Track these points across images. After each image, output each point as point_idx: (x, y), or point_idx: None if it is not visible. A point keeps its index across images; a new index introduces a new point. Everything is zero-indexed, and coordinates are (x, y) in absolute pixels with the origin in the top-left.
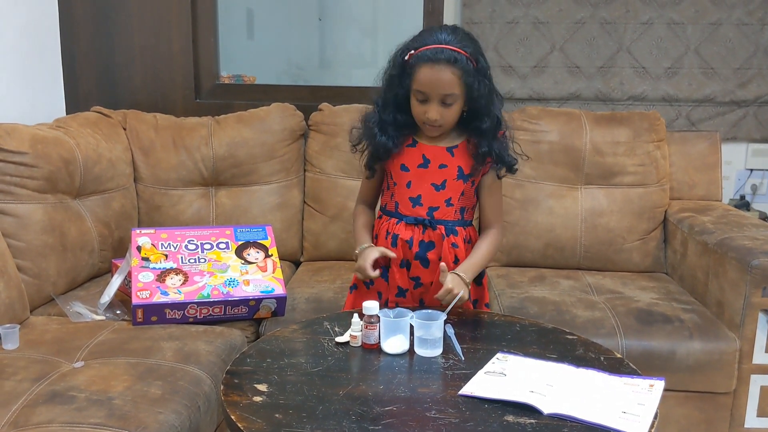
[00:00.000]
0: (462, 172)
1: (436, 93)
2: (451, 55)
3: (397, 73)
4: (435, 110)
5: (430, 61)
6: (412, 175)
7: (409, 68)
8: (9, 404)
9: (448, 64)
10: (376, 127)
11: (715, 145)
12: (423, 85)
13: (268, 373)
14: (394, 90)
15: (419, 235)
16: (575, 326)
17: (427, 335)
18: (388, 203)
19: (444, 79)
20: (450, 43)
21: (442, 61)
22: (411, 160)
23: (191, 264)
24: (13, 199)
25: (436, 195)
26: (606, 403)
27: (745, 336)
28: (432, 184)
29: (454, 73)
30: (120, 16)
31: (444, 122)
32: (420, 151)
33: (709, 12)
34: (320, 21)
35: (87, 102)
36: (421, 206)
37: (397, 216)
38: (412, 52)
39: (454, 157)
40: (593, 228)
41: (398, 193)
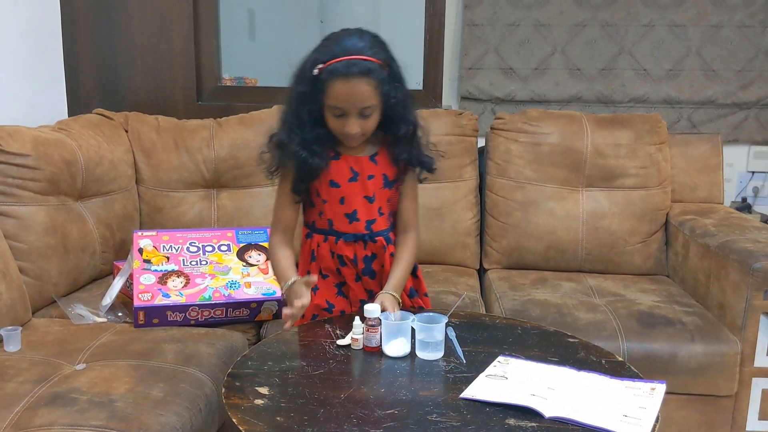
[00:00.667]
0: (387, 179)
1: (353, 107)
2: (365, 66)
3: (307, 89)
4: (354, 124)
5: (343, 76)
6: (344, 190)
7: (320, 84)
8: (11, 406)
9: (362, 77)
10: (299, 147)
11: (717, 148)
12: (338, 101)
13: (269, 375)
14: (306, 107)
15: (362, 250)
16: (577, 329)
17: (428, 338)
18: (317, 221)
19: (360, 92)
20: (361, 52)
21: (356, 74)
22: (339, 175)
23: (193, 266)
24: (15, 201)
25: (370, 207)
26: (607, 407)
27: (746, 339)
28: (365, 197)
29: (370, 84)
30: (121, 18)
31: (364, 132)
32: (346, 164)
33: (710, 14)
34: (322, 23)
35: (89, 104)
36: (358, 221)
37: (334, 234)
38: (320, 66)
39: (378, 165)
40: (594, 230)
41: (330, 210)
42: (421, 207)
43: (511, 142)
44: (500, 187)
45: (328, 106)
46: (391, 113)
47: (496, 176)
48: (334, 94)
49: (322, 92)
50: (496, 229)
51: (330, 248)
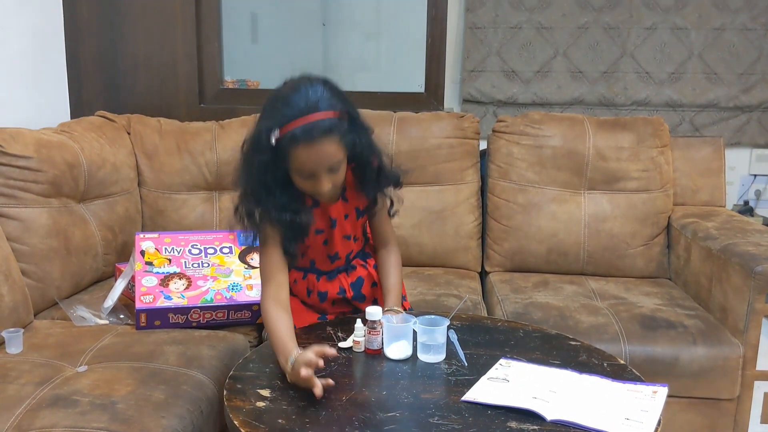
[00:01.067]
0: (358, 210)
1: (321, 168)
2: (325, 125)
3: (268, 158)
4: (325, 182)
5: (305, 141)
6: (327, 234)
7: (281, 151)
8: (12, 408)
9: (325, 136)
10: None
11: (719, 151)
12: (305, 165)
13: (271, 378)
14: (269, 174)
15: (345, 280)
16: (579, 332)
17: (430, 341)
18: (298, 261)
19: (326, 152)
20: (316, 108)
21: (319, 136)
22: (321, 221)
23: (195, 268)
24: (17, 203)
25: (347, 244)
26: (609, 410)
27: (748, 342)
28: (344, 236)
29: (334, 141)
30: (124, 21)
31: (336, 187)
32: (325, 211)
33: (712, 17)
34: (324, 26)
35: (91, 106)
36: (339, 259)
37: (314, 272)
38: (277, 135)
39: (348, 201)
40: (596, 233)
41: (313, 252)
42: (423, 210)
43: (513, 144)
44: (502, 190)
45: (294, 170)
46: (357, 159)
47: (497, 179)
48: (299, 160)
49: (285, 159)
50: (497, 232)
51: (308, 286)
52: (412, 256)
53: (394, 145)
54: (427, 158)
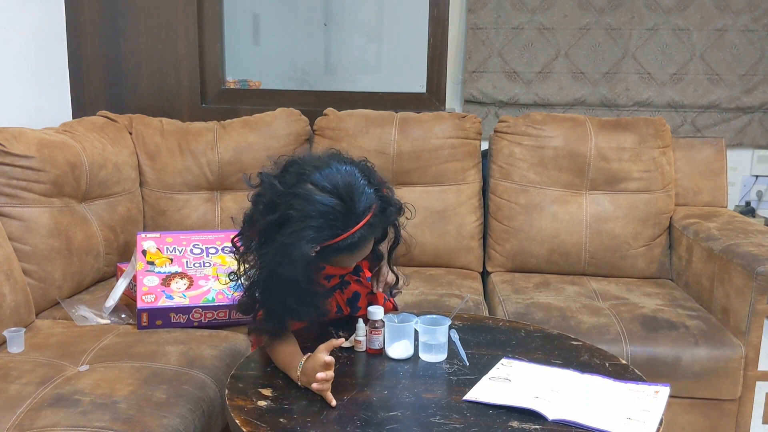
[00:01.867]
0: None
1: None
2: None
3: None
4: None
5: (349, 251)
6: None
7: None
8: (14, 407)
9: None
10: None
11: (721, 152)
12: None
13: (272, 377)
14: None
15: (341, 297)
16: (580, 332)
17: (431, 340)
18: None
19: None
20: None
21: (363, 242)
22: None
23: (196, 268)
24: (19, 203)
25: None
26: (611, 409)
27: (750, 343)
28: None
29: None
30: (126, 22)
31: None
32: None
33: (714, 18)
34: (326, 26)
35: (93, 106)
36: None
37: None
38: (317, 248)
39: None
40: (598, 234)
41: None
42: (424, 210)
43: (515, 145)
44: (504, 191)
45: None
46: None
47: (499, 179)
48: (337, 262)
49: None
50: (499, 233)
51: None
52: (414, 256)
53: (395, 146)
54: (429, 159)
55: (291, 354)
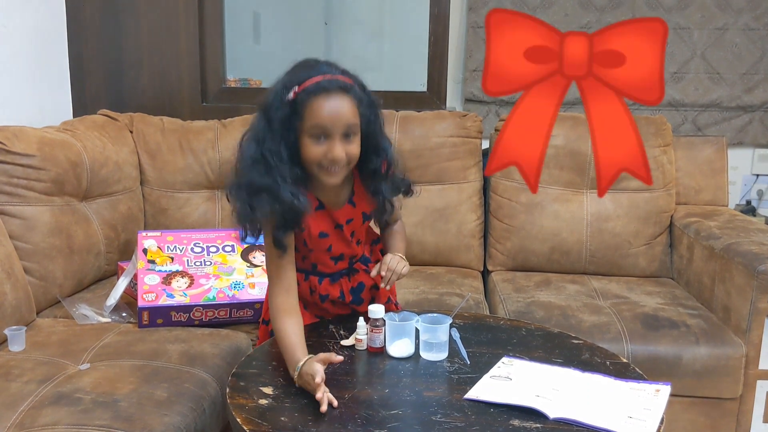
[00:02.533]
0: (365, 215)
1: (337, 125)
2: (344, 83)
3: (283, 115)
4: (339, 147)
5: (325, 91)
6: (332, 239)
7: (298, 106)
8: (15, 406)
9: (343, 92)
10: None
11: (722, 150)
12: (321, 119)
13: (273, 376)
14: (284, 138)
15: (347, 284)
16: (581, 331)
17: (432, 339)
18: (299, 263)
19: (344, 107)
20: (335, 74)
21: (337, 89)
22: (327, 225)
23: (197, 267)
24: (20, 202)
25: (352, 246)
26: (612, 408)
27: (751, 341)
28: (347, 239)
29: (351, 101)
30: (127, 20)
31: (349, 160)
32: (330, 215)
33: (715, 17)
34: (326, 25)
35: (94, 105)
36: (342, 260)
37: (316, 275)
38: (296, 89)
39: (356, 206)
40: (599, 232)
41: (316, 255)
42: (425, 208)
43: None
44: (504, 189)
45: (308, 129)
46: (368, 143)
47: (500, 178)
48: (315, 113)
49: (300, 116)
50: (500, 231)
51: (311, 286)
52: (415, 254)
53: (396, 144)
54: (430, 157)
55: (293, 349)
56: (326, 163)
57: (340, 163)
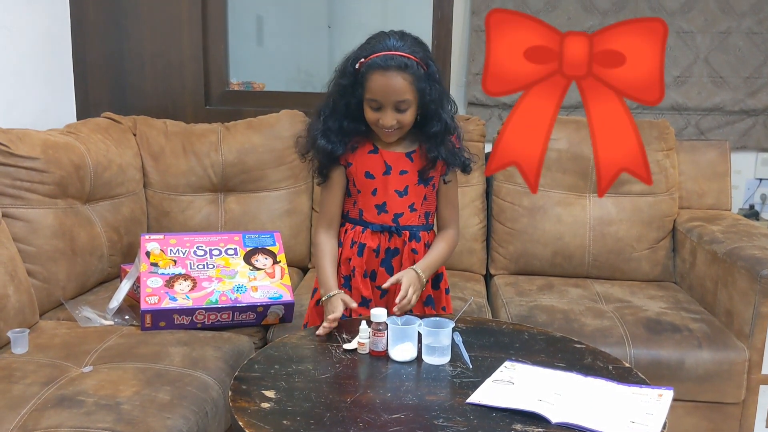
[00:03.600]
0: (422, 176)
1: (389, 100)
2: (402, 61)
3: (347, 82)
4: (389, 117)
5: (381, 69)
6: (378, 182)
7: (360, 77)
8: (18, 408)
9: (399, 71)
10: (318, 133)
11: (725, 154)
12: (375, 93)
13: (275, 379)
14: (345, 99)
15: (385, 242)
16: (584, 335)
17: (435, 343)
18: (350, 210)
19: (396, 85)
20: (399, 49)
21: (393, 68)
22: (375, 168)
23: (200, 270)
24: (23, 204)
25: (399, 201)
26: (614, 412)
27: (754, 346)
28: (395, 190)
29: (406, 79)
30: (131, 24)
31: (401, 126)
32: (381, 158)
33: (718, 21)
34: (329, 28)
35: (98, 108)
36: (386, 213)
37: (362, 224)
38: (362, 60)
39: (413, 162)
40: (602, 236)
41: (362, 200)
42: None
43: None
44: (507, 193)
45: (366, 100)
46: (426, 111)
47: (503, 182)
48: (372, 87)
49: (362, 86)
50: (502, 235)
51: (353, 237)
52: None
53: None
54: None
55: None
56: (380, 127)
57: (389, 130)
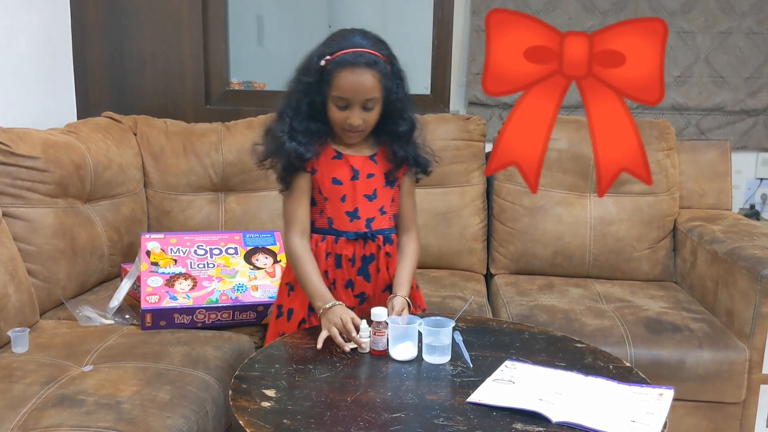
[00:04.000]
0: (387, 178)
1: (357, 98)
2: (371, 57)
3: (313, 80)
4: (357, 116)
5: (350, 66)
6: (346, 188)
7: (327, 75)
8: (18, 407)
9: (368, 67)
10: (285, 135)
11: (725, 154)
12: (344, 91)
13: (276, 378)
14: (309, 98)
15: (360, 250)
16: (584, 334)
17: (435, 342)
18: (317, 220)
19: (365, 82)
20: (366, 47)
21: (362, 65)
22: (342, 173)
23: (200, 269)
24: (24, 204)
25: (370, 206)
26: (614, 412)
27: (754, 346)
28: (365, 195)
29: (374, 76)
30: (131, 23)
31: (366, 127)
32: (347, 162)
33: (719, 21)
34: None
35: (98, 107)
36: (359, 219)
37: (333, 233)
38: (328, 57)
39: (378, 164)
40: (602, 236)
41: (331, 208)
42: (428, 212)
43: None
44: (508, 193)
45: (332, 98)
46: (391, 110)
47: (503, 181)
48: (341, 84)
49: (328, 83)
50: (503, 235)
51: (326, 248)
52: None
53: None
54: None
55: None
56: (346, 127)
57: (355, 130)
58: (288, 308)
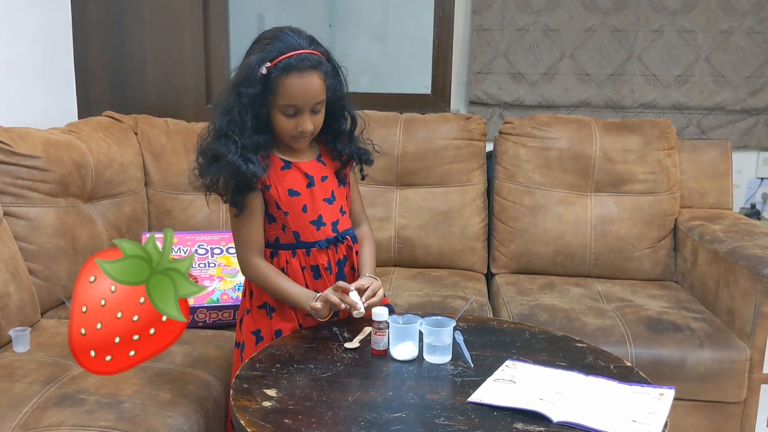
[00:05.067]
0: (338, 177)
1: (308, 103)
2: (315, 59)
3: (257, 90)
4: (308, 121)
5: (296, 70)
6: (305, 197)
7: (270, 83)
8: (19, 406)
9: (314, 70)
10: (235, 155)
11: (726, 154)
12: (293, 98)
13: (277, 378)
14: (253, 110)
15: (333, 255)
16: (585, 334)
17: (436, 342)
18: (281, 237)
19: (314, 86)
20: (305, 47)
21: (308, 68)
22: (296, 183)
23: (201, 268)
24: (25, 203)
25: (331, 209)
26: (615, 412)
27: (755, 345)
28: (324, 199)
29: (321, 78)
30: (132, 22)
31: (315, 131)
32: (299, 171)
33: (720, 20)
34: (330, 27)
35: (99, 107)
36: (325, 226)
37: (302, 246)
38: (269, 64)
39: (327, 165)
40: (603, 235)
41: (294, 222)
42: (429, 211)
43: (520, 146)
44: (508, 192)
45: (279, 106)
46: (333, 108)
47: (504, 181)
48: (288, 91)
49: (273, 92)
50: (504, 234)
51: (300, 263)
52: (418, 257)
53: (400, 147)
54: (434, 160)
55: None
56: (296, 134)
57: (306, 136)
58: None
